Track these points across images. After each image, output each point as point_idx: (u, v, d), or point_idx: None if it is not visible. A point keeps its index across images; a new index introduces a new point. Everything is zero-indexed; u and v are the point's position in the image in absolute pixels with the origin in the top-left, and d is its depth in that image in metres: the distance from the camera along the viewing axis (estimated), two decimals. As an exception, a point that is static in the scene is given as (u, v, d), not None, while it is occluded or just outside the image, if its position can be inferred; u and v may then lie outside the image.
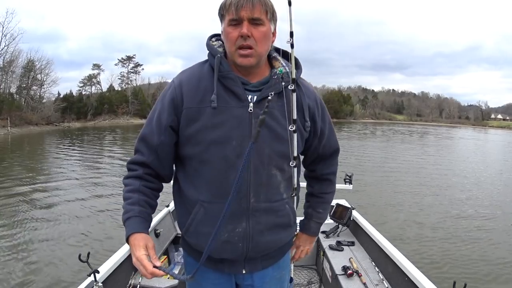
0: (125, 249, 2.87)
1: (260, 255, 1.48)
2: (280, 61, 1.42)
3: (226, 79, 1.33)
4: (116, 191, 10.98)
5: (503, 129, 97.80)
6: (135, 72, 78.81)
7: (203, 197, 1.36)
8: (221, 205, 1.28)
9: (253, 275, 1.53)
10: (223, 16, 1.30)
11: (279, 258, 1.59)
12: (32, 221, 8.15)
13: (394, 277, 2.80)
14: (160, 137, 1.38)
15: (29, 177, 13.67)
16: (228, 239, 1.39)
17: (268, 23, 1.29)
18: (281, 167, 1.39)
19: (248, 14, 1.23)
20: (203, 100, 1.33)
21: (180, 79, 1.40)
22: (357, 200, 7.66)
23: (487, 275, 5.77)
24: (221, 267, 1.49)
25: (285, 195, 1.45)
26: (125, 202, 1.40)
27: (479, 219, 9.04)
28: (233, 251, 1.41)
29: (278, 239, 1.48)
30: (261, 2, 1.25)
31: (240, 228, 1.38)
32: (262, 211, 1.39)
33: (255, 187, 1.36)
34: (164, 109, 1.37)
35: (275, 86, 1.35)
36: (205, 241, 1.31)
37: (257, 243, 1.41)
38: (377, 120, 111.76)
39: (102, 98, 64.79)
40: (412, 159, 21.17)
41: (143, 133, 1.43)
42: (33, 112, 46.11)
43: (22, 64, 49.24)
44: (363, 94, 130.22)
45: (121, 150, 24.21)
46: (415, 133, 53.53)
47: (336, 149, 1.62)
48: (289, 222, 1.49)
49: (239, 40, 1.26)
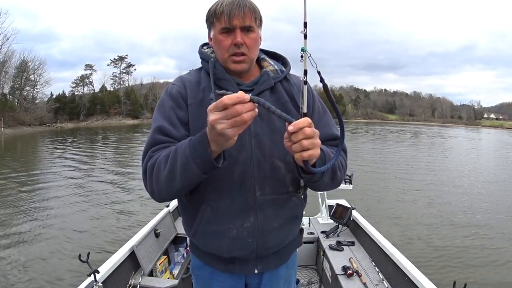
0: (125, 249, 2.87)
1: (272, 252, 1.46)
2: (268, 61, 1.48)
3: (221, 80, 1.36)
4: (114, 190, 10.89)
5: (495, 128, 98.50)
6: (127, 73, 79.14)
7: (209, 196, 1.34)
8: (228, 201, 1.31)
9: (263, 275, 1.51)
10: (212, 23, 1.33)
11: (289, 258, 1.58)
12: (31, 221, 8.13)
13: (394, 277, 2.81)
14: (181, 130, 1.31)
15: (24, 177, 13.60)
16: (237, 236, 1.36)
17: (257, 30, 1.34)
18: (285, 158, 1.35)
19: (240, 22, 1.27)
20: (203, 100, 1.35)
21: (182, 79, 1.42)
22: (357, 200, 7.65)
23: (487, 276, 5.77)
24: (231, 268, 1.47)
25: (291, 188, 1.42)
26: (171, 159, 1.19)
27: (479, 218, 9.04)
28: (244, 248, 1.39)
29: (286, 232, 1.47)
30: (251, 10, 1.29)
31: (248, 223, 1.36)
32: (268, 204, 1.37)
33: (260, 180, 1.34)
34: (176, 105, 1.35)
35: (266, 82, 1.40)
36: (214, 240, 1.34)
37: (266, 237, 1.39)
38: (369, 120, 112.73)
39: (94, 99, 64.81)
40: (407, 158, 21.29)
41: (158, 125, 1.31)
42: (26, 112, 46.00)
43: (15, 64, 49.27)
44: (355, 94, 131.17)
45: (114, 150, 24.16)
46: (408, 133, 53.93)
47: (336, 135, 1.47)
48: (296, 214, 1.48)
49: (232, 47, 1.29)
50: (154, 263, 3.11)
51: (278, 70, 1.46)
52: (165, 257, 3.31)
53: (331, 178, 1.32)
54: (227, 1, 1.27)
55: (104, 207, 9.35)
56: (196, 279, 1.61)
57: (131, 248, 2.91)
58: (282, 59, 1.52)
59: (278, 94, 1.42)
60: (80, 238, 7.12)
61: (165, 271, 3.26)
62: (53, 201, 9.92)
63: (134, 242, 2.97)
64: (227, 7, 1.26)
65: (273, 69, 1.45)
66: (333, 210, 3.96)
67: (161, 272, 3.19)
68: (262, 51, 1.51)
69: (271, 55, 1.54)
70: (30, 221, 8.14)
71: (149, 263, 3.02)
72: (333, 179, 1.34)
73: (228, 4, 1.26)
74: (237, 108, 0.97)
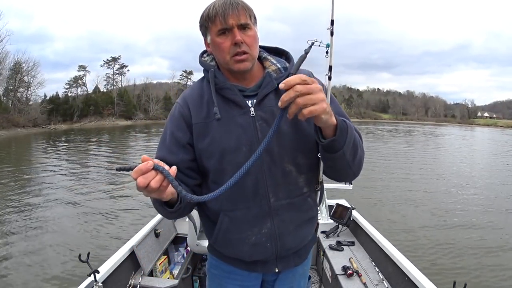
0: (125, 249, 2.87)
1: (292, 252, 1.50)
2: (270, 60, 1.45)
3: (223, 89, 1.35)
4: (113, 190, 10.91)
5: (489, 127, 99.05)
6: (120, 74, 78.83)
7: (225, 207, 1.37)
8: (244, 210, 1.37)
9: (280, 272, 1.55)
10: (207, 28, 1.31)
11: (307, 256, 1.64)
12: (30, 221, 8.10)
13: (394, 277, 2.81)
14: (179, 156, 1.37)
15: (21, 178, 13.54)
16: (256, 242, 1.41)
17: (254, 27, 1.32)
18: (295, 161, 1.38)
19: (236, 21, 1.25)
20: (208, 115, 1.35)
21: (184, 98, 1.43)
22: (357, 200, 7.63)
23: (487, 276, 5.77)
24: (253, 268, 1.52)
25: (306, 189, 1.44)
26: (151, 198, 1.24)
27: (480, 217, 9.04)
28: (263, 252, 1.44)
29: (303, 233, 1.49)
30: (244, 8, 1.27)
31: (265, 229, 1.40)
32: (284, 208, 1.39)
33: (273, 187, 1.36)
34: (177, 128, 1.39)
35: (269, 85, 1.37)
36: (235, 247, 1.43)
37: (284, 240, 1.43)
38: (362, 119, 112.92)
39: (88, 100, 64.48)
40: (405, 157, 21.47)
41: (158, 157, 1.37)
42: (20, 114, 45.55)
43: (9, 66, 48.76)
44: (348, 93, 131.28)
45: (108, 150, 24.09)
46: (401, 131, 54.06)
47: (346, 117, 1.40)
48: (312, 215, 1.51)
49: (232, 48, 1.27)
50: (154, 263, 3.10)
51: (281, 68, 1.42)
52: (165, 257, 3.31)
53: (352, 154, 1.25)
54: (219, 3, 1.26)
55: (104, 207, 9.33)
56: (211, 279, 1.66)
57: (131, 248, 2.91)
58: (285, 54, 1.49)
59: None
60: (80, 238, 7.09)
61: (165, 271, 3.25)
62: (52, 201, 9.90)
63: (134, 242, 2.97)
64: (221, 8, 1.25)
65: (275, 68, 1.42)
66: (333, 210, 3.95)
67: (161, 272, 3.18)
68: (264, 49, 1.48)
69: (273, 51, 1.50)
70: (29, 221, 8.12)
71: (149, 263, 3.01)
72: (355, 155, 1.27)
73: (221, 5, 1.26)
74: (140, 182, 1.01)
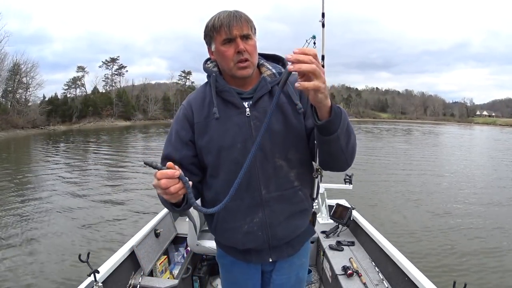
0: (125, 249, 2.87)
1: (283, 242, 1.62)
2: (266, 66, 1.58)
3: (223, 92, 1.51)
4: (113, 190, 10.92)
5: (488, 125, 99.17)
6: (119, 74, 78.74)
7: (221, 198, 1.41)
8: (238, 201, 1.50)
9: (276, 262, 1.69)
10: (212, 37, 1.44)
11: (301, 247, 1.73)
12: (30, 221, 8.13)
13: (394, 277, 2.81)
14: (182, 152, 1.54)
15: (21, 178, 13.56)
16: (248, 230, 1.56)
17: (254, 37, 1.45)
18: (286, 157, 1.51)
19: (239, 31, 1.38)
20: (208, 115, 1.51)
21: (189, 100, 1.59)
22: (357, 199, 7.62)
23: (487, 276, 5.74)
24: (248, 257, 1.66)
25: (297, 183, 1.56)
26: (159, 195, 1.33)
27: (480, 217, 9.00)
28: (255, 240, 1.58)
29: (294, 225, 1.61)
30: (247, 20, 1.41)
31: (257, 218, 1.54)
32: (274, 200, 1.53)
33: (264, 180, 1.51)
34: (181, 127, 1.55)
35: (263, 88, 1.51)
36: (231, 235, 1.59)
37: (275, 229, 1.56)
38: (361, 118, 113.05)
39: (86, 101, 64.40)
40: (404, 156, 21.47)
41: (164, 153, 1.57)
42: (19, 115, 45.41)
43: (8, 67, 48.51)
44: (347, 92, 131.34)
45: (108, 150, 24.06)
46: (400, 131, 54.09)
47: None
48: (304, 207, 1.61)
49: (236, 56, 1.41)
50: (154, 263, 3.11)
51: (276, 73, 1.55)
52: (165, 257, 3.32)
53: (346, 139, 1.31)
54: (224, 15, 1.39)
55: (103, 207, 9.36)
56: (221, 267, 1.83)
57: (131, 248, 2.92)
58: (281, 60, 1.61)
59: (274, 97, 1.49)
60: (80, 238, 7.09)
61: (165, 271, 3.26)
62: (52, 202, 9.90)
63: (134, 242, 2.98)
64: (226, 20, 1.37)
65: (270, 73, 1.55)
66: (333, 210, 3.96)
67: (161, 272, 3.19)
68: (262, 56, 1.62)
69: (271, 58, 1.64)
70: (29, 221, 8.14)
71: (149, 263, 3.02)
72: (348, 140, 1.32)
73: (225, 17, 1.38)
74: (162, 183, 1.14)
